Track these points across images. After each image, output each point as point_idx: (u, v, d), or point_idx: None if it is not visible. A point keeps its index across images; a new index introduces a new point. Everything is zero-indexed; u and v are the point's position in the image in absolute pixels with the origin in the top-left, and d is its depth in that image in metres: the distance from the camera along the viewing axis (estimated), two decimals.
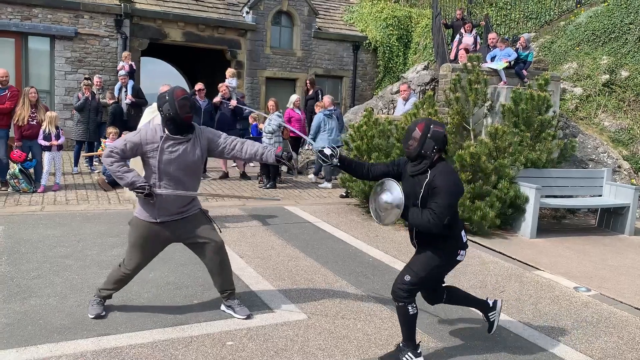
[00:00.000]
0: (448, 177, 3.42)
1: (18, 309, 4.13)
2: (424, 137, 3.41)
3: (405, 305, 3.56)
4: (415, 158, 3.48)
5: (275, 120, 9.62)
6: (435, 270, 3.62)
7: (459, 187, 3.52)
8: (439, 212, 3.35)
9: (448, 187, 3.38)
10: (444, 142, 3.45)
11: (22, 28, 12.62)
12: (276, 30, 16.01)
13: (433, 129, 3.42)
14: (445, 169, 3.46)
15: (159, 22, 14.26)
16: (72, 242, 5.93)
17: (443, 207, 3.36)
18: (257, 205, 8.32)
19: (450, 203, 3.40)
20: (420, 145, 3.42)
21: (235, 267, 5.37)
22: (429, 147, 3.40)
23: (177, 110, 3.76)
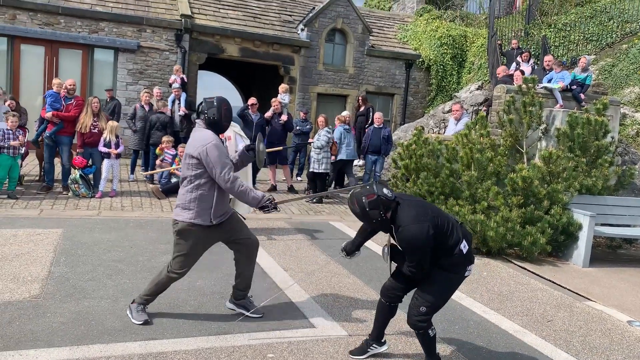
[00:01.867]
0: (407, 231, 3.41)
1: (73, 309, 4.34)
2: (366, 213, 3.47)
3: (425, 332, 3.64)
4: (380, 227, 3.64)
5: (325, 136, 9.73)
6: (448, 294, 3.66)
7: (421, 237, 3.39)
8: (412, 267, 3.51)
9: (409, 244, 3.45)
10: (385, 201, 3.45)
11: (89, 41, 13.32)
12: (329, 47, 16.22)
13: (366, 201, 3.45)
14: (406, 220, 3.44)
15: (217, 38, 14.72)
16: (125, 247, 6.17)
17: (414, 263, 3.49)
18: (303, 220, 8.39)
19: (419, 258, 3.46)
20: (370, 220, 3.52)
21: (279, 280, 5.47)
22: (375, 215, 3.46)
23: (222, 116, 4.13)
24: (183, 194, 4.16)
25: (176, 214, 4.18)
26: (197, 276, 5.38)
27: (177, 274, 4.25)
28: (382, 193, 3.47)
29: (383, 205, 3.45)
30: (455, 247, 3.51)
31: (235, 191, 4.07)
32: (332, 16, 15.95)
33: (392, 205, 3.50)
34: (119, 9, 13.77)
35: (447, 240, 3.51)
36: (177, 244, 4.22)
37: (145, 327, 4.13)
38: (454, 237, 3.53)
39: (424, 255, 3.44)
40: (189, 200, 4.11)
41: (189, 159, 4.09)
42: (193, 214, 4.12)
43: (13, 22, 12.75)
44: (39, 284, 4.80)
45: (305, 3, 17.71)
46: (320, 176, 9.75)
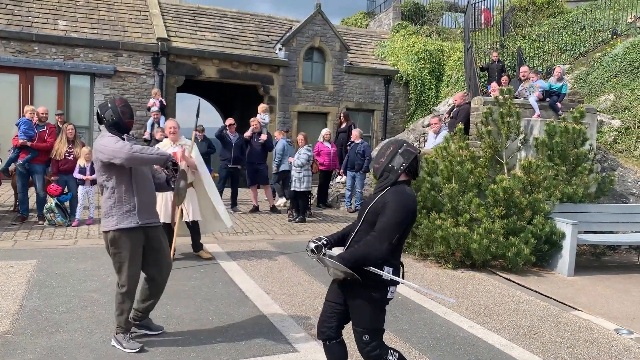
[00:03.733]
0: (401, 195, 3.16)
1: (45, 344, 4.16)
2: (395, 153, 3.26)
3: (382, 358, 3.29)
4: (382, 174, 3.29)
5: (305, 154, 9.66)
6: (380, 315, 3.29)
7: (412, 211, 3.17)
8: (382, 230, 3.08)
9: (397, 205, 3.11)
10: (414, 162, 3.25)
11: (64, 67, 13.19)
12: (308, 66, 16.26)
13: (405, 147, 3.28)
14: (404, 190, 3.20)
15: (195, 60, 14.67)
16: (102, 276, 5.99)
17: (387, 225, 3.08)
18: (286, 240, 8.27)
19: (397, 222, 3.08)
20: (389, 159, 3.26)
21: (261, 304, 5.33)
22: (397, 162, 3.23)
23: (120, 115, 4.09)
24: (104, 202, 4.12)
25: (103, 225, 4.12)
26: (175, 303, 5.23)
27: (126, 287, 4.13)
28: (420, 158, 3.32)
29: (411, 163, 3.23)
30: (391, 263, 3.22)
31: (140, 155, 3.97)
32: (310, 35, 16.02)
33: (409, 178, 3.29)
34: (94, 35, 13.68)
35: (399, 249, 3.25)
36: (114, 255, 4.13)
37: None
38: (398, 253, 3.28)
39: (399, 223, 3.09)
40: (110, 207, 4.06)
41: (97, 166, 4.10)
42: (117, 219, 4.04)
43: None
44: (9, 319, 4.61)
45: (283, 22, 17.79)
46: (302, 195, 9.66)
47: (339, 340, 3.42)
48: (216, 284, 5.93)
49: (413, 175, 3.30)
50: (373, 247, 3.07)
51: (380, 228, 3.09)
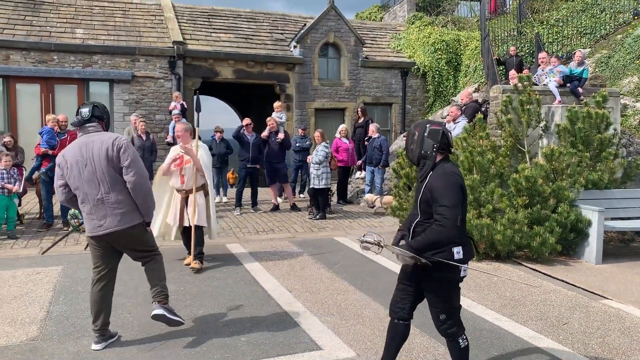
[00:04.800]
0: (445, 177, 3.22)
1: (71, 349, 4.21)
2: (422, 137, 3.33)
3: (455, 340, 3.45)
4: (418, 161, 3.39)
5: (322, 151, 9.62)
6: (454, 292, 3.42)
7: (459, 185, 3.23)
8: (442, 217, 3.14)
9: (445, 185, 3.19)
10: (443, 139, 3.31)
11: (83, 75, 13.37)
12: (323, 62, 16.21)
13: (430, 128, 3.34)
14: (444, 170, 3.26)
15: (211, 62, 14.75)
16: (125, 280, 6.03)
17: (444, 211, 3.14)
18: (307, 237, 8.26)
19: (452, 204, 3.14)
20: (419, 146, 3.34)
21: (284, 302, 5.32)
22: (428, 146, 3.30)
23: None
24: (126, 198, 4.23)
25: (132, 219, 4.23)
26: (199, 304, 5.26)
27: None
28: (447, 132, 3.36)
29: (441, 140, 3.29)
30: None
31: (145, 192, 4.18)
32: (324, 31, 15.96)
33: (445, 155, 3.34)
34: (111, 41, 13.84)
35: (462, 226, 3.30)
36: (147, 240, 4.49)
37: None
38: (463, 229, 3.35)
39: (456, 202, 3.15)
40: (132, 201, 4.21)
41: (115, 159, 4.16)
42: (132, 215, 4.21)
43: (7, 62, 12.82)
44: (37, 325, 4.68)
45: (296, 20, 17.76)
46: (322, 192, 9.63)
47: (407, 322, 3.56)
48: (239, 284, 5.95)
49: (448, 150, 3.35)
50: (440, 234, 3.17)
51: (440, 216, 3.15)
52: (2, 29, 13.17)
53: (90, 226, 4.09)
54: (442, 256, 3.23)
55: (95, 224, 4.07)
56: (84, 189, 4.05)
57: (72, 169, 4.04)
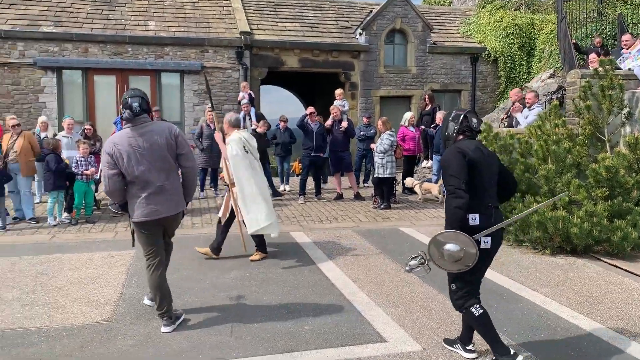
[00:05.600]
0: (449, 151, 3.60)
1: (142, 331, 4.36)
2: (447, 121, 3.74)
3: (467, 310, 3.63)
4: (444, 142, 3.79)
5: (387, 139, 9.46)
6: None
7: (458, 153, 3.52)
8: (448, 185, 3.48)
9: (447, 156, 3.56)
10: (464, 122, 3.63)
11: (155, 66, 13.83)
12: (389, 49, 15.94)
13: (455, 112, 3.72)
14: (455, 145, 3.62)
15: (277, 51, 14.85)
16: (194, 265, 6.21)
17: (448, 177, 3.49)
18: (371, 227, 8.16)
19: (456, 170, 3.45)
20: (444, 128, 3.75)
21: (348, 292, 5.27)
22: (450, 128, 3.68)
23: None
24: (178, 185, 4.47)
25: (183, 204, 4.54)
26: (264, 290, 5.31)
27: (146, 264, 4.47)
28: (470, 116, 3.67)
29: (462, 123, 3.63)
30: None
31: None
32: (391, 17, 15.67)
33: (467, 133, 3.65)
34: (181, 33, 14.22)
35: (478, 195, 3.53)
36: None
37: (213, 346, 4.06)
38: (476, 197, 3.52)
39: (456, 164, 3.46)
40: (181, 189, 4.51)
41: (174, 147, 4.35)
42: None
43: (86, 55, 13.47)
44: (111, 307, 4.89)
45: (362, 7, 17.55)
46: (387, 181, 9.48)
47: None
48: (303, 272, 5.96)
49: (471, 132, 3.66)
50: (449, 204, 3.47)
51: (447, 182, 3.51)
52: (82, 24, 13.84)
53: (147, 211, 4.21)
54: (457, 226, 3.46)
55: (152, 208, 4.22)
56: (144, 177, 4.17)
57: (129, 158, 4.12)
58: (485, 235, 3.50)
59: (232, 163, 6.19)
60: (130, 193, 4.24)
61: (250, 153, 6.33)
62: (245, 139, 6.35)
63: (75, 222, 8.26)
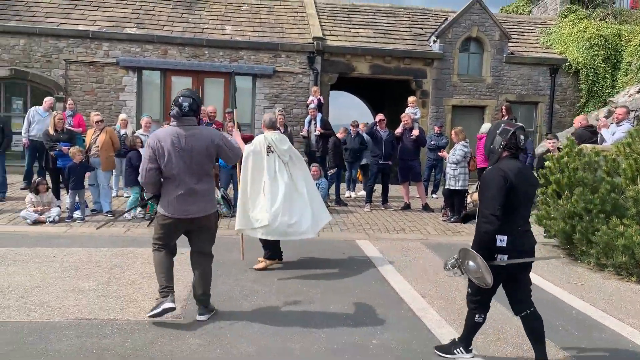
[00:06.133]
0: (491, 171, 3.60)
1: (210, 330, 4.38)
2: (494, 134, 3.70)
3: (471, 312, 3.87)
4: (488, 155, 3.78)
5: (461, 150, 9.16)
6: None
7: (501, 177, 3.52)
8: (484, 207, 3.52)
9: (489, 179, 3.56)
10: (512, 138, 3.61)
11: (230, 69, 14.10)
12: (464, 58, 15.52)
13: (503, 127, 3.69)
14: (498, 165, 3.62)
15: (348, 57, 14.81)
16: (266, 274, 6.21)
17: (485, 201, 3.52)
18: (440, 241, 7.91)
19: (493, 195, 3.49)
20: (490, 141, 3.71)
21: (416, 308, 5.10)
22: (497, 142, 3.65)
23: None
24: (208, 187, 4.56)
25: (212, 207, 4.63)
26: (330, 300, 5.22)
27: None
28: (519, 133, 3.64)
29: (510, 140, 3.61)
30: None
31: None
32: (467, 25, 15.27)
33: (511, 153, 3.64)
34: (256, 37, 14.47)
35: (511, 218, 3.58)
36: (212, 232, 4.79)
37: (279, 353, 4.00)
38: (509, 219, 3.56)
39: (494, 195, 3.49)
40: (212, 192, 4.65)
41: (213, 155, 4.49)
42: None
43: (165, 57, 13.97)
44: (180, 304, 4.94)
45: (437, 14, 17.22)
46: (458, 193, 9.18)
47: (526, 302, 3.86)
48: (370, 283, 5.82)
49: (516, 150, 3.65)
50: (480, 227, 3.56)
51: (483, 204, 3.55)
52: (162, 26, 14.37)
53: (177, 210, 4.37)
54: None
55: (183, 208, 4.36)
56: (180, 176, 4.31)
57: (170, 155, 4.26)
58: (506, 263, 3.60)
59: (243, 158, 5.96)
60: (165, 188, 4.39)
61: (277, 155, 6.03)
62: (272, 140, 6.06)
63: (149, 217, 8.52)
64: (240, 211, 6.02)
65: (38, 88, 13.50)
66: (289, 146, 6.22)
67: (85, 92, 13.65)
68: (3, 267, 5.84)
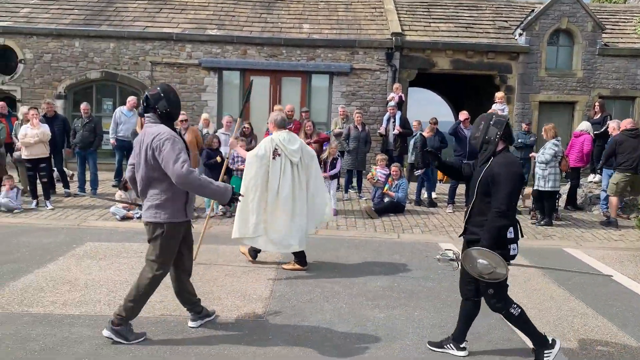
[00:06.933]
0: (508, 166, 3.56)
1: (291, 332, 4.29)
2: (487, 125, 3.66)
3: (507, 311, 3.73)
4: (481, 146, 3.69)
5: (551, 149, 8.58)
6: None
7: (520, 175, 3.60)
8: (501, 202, 3.47)
9: (507, 175, 3.50)
10: (507, 129, 3.64)
11: (307, 68, 14.13)
12: (552, 51, 14.62)
13: (496, 118, 3.67)
14: (507, 159, 3.63)
15: (428, 52, 14.37)
16: (341, 269, 6.09)
17: (503, 197, 3.47)
18: (531, 245, 7.43)
19: (511, 192, 3.50)
20: (484, 132, 3.65)
21: None
22: (492, 133, 3.62)
23: (175, 107, 3.91)
24: (157, 194, 3.92)
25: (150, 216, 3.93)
26: (414, 305, 5.00)
27: (162, 272, 4.07)
28: (510, 127, 3.69)
29: (504, 130, 3.62)
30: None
31: (194, 185, 3.80)
32: (556, 16, 14.37)
33: (506, 145, 3.67)
34: (333, 35, 14.37)
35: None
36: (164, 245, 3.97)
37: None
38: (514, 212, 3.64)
39: (513, 192, 3.52)
40: (165, 200, 3.90)
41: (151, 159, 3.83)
42: (170, 212, 3.91)
43: (244, 57, 14.18)
44: (263, 303, 4.91)
45: (523, 6, 16.37)
46: (548, 195, 8.61)
47: (475, 300, 3.89)
48: (455, 287, 5.50)
49: (509, 141, 3.71)
50: (498, 222, 3.50)
51: (500, 200, 3.47)
52: (242, 27, 14.61)
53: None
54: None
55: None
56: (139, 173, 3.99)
57: (138, 153, 3.94)
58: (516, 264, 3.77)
59: (246, 163, 5.78)
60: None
61: (284, 156, 5.73)
62: (280, 141, 5.74)
63: (230, 214, 8.64)
64: (240, 218, 5.69)
65: (126, 89, 14.13)
66: (300, 145, 5.88)
67: None
68: (95, 262, 6.08)
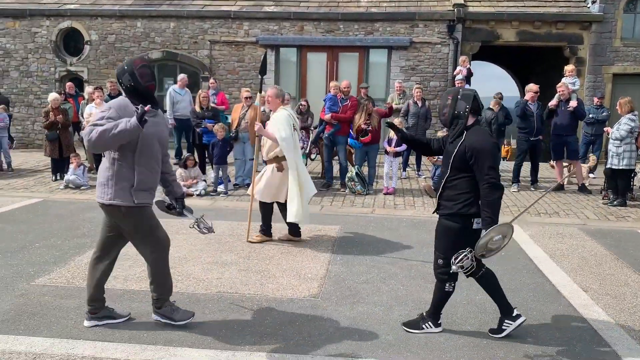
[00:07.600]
0: (485, 139, 3.57)
1: (347, 314, 4.20)
2: (455, 100, 3.63)
3: (443, 284, 3.79)
4: (451, 122, 3.67)
5: (627, 124, 7.99)
6: (458, 244, 3.59)
7: (496, 144, 3.67)
8: (491, 176, 3.46)
9: (486, 147, 3.50)
10: (475, 101, 3.62)
11: (365, 42, 13.83)
12: (629, 19, 13.59)
13: (463, 92, 3.66)
14: (481, 132, 3.65)
15: (492, 24, 13.71)
16: (399, 249, 5.95)
17: (489, 168, 3.46)
18: (602, 226, 7.00)
19: (494, 162, 3.50)
20: (452, 107, 3.63)
21: (578, 304, 4.50)
22: (460, 107, 3.60)
23: (138, 79, 3.55)
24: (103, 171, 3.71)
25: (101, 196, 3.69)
26: (477, 289, 4.77)
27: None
28: (478, 96, 3.66)
29: (473, 102, 3.60)
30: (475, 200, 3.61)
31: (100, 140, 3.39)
32: None
33: (476, 119, 3.67)
34: (392, 8, 13.95)
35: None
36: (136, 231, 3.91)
37: (422, 345, 3.71)
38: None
39: (496, 157, 3.54)
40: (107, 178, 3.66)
41: None
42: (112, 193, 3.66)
43: (301, 33, 14.03)
44: (318, 282, 4.85)
45: None
46: (622, 173, 8.05)
47: (484, 269, 3.92)
48: (520, 272, 5.27)
49: (477, 114, 3.70)
50: (495, 194, 3.48)
51: (487, 173, 3.46)
52: (299, 2, 14.41)
53: None
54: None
55: None
56: None
57: None
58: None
59: (285, 147, 5.68)
60: None
61: (296, 131, 5.94)
62: (293, 116, 5.92)
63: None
64: (298, 202, 5.74)
65: (186, 68, 14.33)
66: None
67: (228, 71, 14.22)
68: None
